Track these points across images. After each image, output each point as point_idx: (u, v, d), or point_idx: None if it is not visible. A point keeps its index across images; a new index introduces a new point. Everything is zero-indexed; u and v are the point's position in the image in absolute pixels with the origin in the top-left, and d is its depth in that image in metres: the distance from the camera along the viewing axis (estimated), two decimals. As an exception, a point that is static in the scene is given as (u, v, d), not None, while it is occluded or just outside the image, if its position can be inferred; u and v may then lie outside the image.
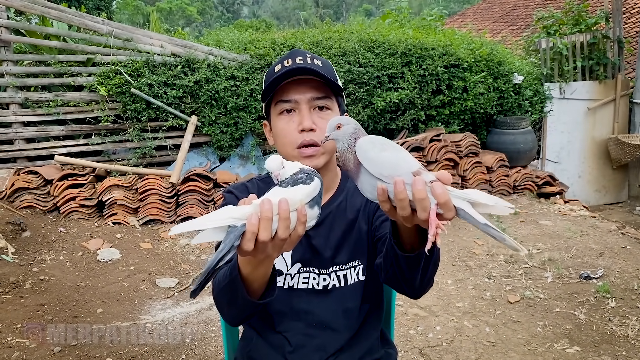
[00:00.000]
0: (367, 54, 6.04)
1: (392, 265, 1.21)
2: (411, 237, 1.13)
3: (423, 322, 3.50)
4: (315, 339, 1.43)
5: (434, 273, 1.24)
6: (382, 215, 1.43)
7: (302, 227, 1.01)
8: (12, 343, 3.13)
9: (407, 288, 1.26)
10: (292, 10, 51.43)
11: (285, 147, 1.40)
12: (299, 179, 1.04)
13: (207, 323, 3.50)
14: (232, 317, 1.32)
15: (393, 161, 0.98)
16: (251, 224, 0.95)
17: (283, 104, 1.39)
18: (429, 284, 1.26)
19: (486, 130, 7.00)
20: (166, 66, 5.48)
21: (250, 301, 1.16)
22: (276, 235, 0.98)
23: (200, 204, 5.24)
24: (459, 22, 15.08)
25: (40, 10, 5.31)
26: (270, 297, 1.19)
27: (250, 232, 0.96)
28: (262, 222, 0.96)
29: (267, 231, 0.96)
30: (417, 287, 1.24)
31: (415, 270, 1.17)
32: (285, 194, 1.00)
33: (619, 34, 8.13)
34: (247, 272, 1.14)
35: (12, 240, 4.40)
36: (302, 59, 1.37)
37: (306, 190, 1.02)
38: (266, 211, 0.96)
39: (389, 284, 1.31)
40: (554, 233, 5.18)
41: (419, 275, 1.19)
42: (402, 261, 1.16)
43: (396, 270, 1.21)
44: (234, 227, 0.97)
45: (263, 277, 1.16)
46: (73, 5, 12.39)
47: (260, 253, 1.00)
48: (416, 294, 1.29)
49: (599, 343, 3.26)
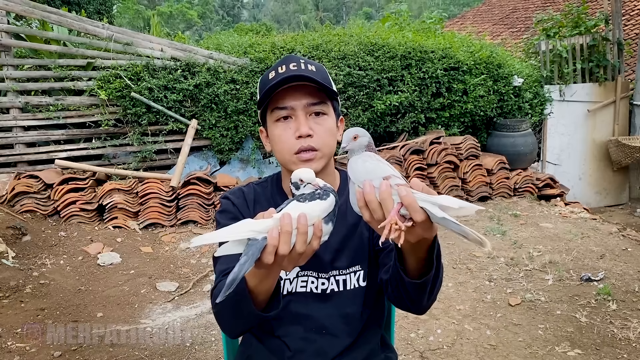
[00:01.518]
0: (367, 57, 6.05)
1: (397, 287, 1.24)
2: (416, 264, 1.15)
3: (424, 326, 3.50)
4: (314, 344, 1.43)
5: (438, 290, 1.27)
6: None
7: (317, 241, 1.05)
8: (12, 347, 3.13)
9: (412, 307, 1.29)
10: (292, 14, 51.52)
11: (283, 153, 1.39)
12: (316, 195, 1.07)
13: (207, 327, 3.50)
14: (234, 329, 1.33)
15: (370, 169, 1.04)
16: (272, 237, 0.99)
17: (279, 111, 1.38)
18: (433, 302, 1.29)
19: (486, 132, 7.01)
20: (166, 70, 5.49)
21: (256, 314, 1.17)
22: (294, 248, 1.01)
23: (201, 208, 5.24)
24: (458, 24, 15.10)
25: (41, 14, 5.32)
26: (275, 309, 1.20)
27: (272, 246, 0.99)
28: (282, 236, 0.99)
29: (287, 245, 1.00)
30: (423, 306, 1.28)
31: (422, 293, 1.20)
32: (303, 209, 1.03)
33: (619, 36, 8.13)
34: (253, 285, 1.14)
35: (13, 245, 4.40)
36: (295, 65, 1.37)
37: (323, 206, 1.05)
38: (286, 225, 0.99)
39: (395, 303, 1.34)
40: (555, 235, 5.18)
41: (426, 297, 1.22)
42: (409, 286, 1.19)
43: (402, 292, 1.23)
44: (254, 240, 1.00)
45: (268, 290, 1.17)
46: (73, 9, 12.41)
47: (277, 266, 1.04)
48: (421, 312, 1.32)
49: (601, 346, 3.25)
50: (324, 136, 1.38)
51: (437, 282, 1.21)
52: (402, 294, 1.24)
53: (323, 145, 1.38)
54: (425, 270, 1.18)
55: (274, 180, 1.54)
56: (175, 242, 4.86)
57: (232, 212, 1.47)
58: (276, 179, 1.54)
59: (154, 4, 42.37)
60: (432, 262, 1.15)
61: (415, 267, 1.16)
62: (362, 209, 1.02)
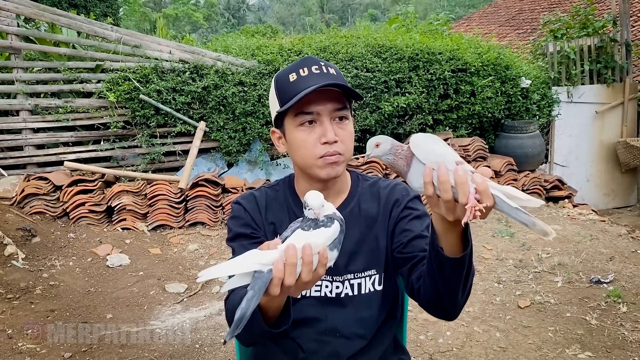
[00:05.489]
0: (375, 59, 6.05)
1: (434, 278, 1.22)
2: (452, 246, 1.15)
3: (433, 328, 3.49)
4: (328, 346, 1.43)
5: (471, 284, 1.27)
6: (408, 232, 1.42)
7: (323, 269, 1.06)
8: (23, 349, 3.14)
9: (449, 305, 1.27)
10: (297, 16, 51.62)
11: (307, 158, 1.38)
12: (320, 223, 1.08)
13: (216, 329, 3.50)
14: (246, 341, 1.36)
15: (440, 152, 1.08)
16: (278, 270, 1.01)
17: (304, 116, 1.36)
18: (467, 298, 1.28)
19: (494, 134, 6.99)
20: (174, 72, 5.51)
21: (267, 330, 1.18)
22: (300, 278, 1.03)
23: (209, 210, 5.25)
24: (464, 26, 15.08)
25: (50, 17, 5.36)
26: (285, 325, 1.20)
27: (278, 278, 1.01)
28: (287, 267, 1.01)
29: (293, 276, 1.01)
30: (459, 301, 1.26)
31: (459, 274, 1.19)
32: (308, 239, 1.04)
33: (627, 37, 8.09)
34: (263, 302, 1.15)
35: (22, 246, 4.42)
36: (318, 68, 1.36)
37: (328, 234, 1.07)
38: (291, 257, 1.01)
39: (432, 306, 1.32)
40: (564, 237, 5.15)
41: (461, 285, 1.21)
42: (447, 265, 1.17)
43: (439, 282, 1.21)
44: (260, 272, 1.01)
45: (278, 307, 1.18)
46: (81, 12, 12.49)
47: (283, 295, 1.06)
48: (456, 310, 1.30)
49: (611, 348, 3.23)
50: (347, 141, 1.38)
51: (471, 270, 1.22)
52: (440, 284, 1.21)
53: (346, 150, 1.38)
54: (462, 248, 1.18)
55: (287, 183, 1.53)
56: (184, 244, 4.87)
57: (243, 218, 1.46)
58: (289, 181, 1.53)
59: (159, 6, 42.57)
60: (468, 240, 1.15)
61: (451, 249, 1.16)
62: (426, 185, 1.05)
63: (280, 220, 1.47)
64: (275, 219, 1.47)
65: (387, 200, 1.48)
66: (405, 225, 1.43)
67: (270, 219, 1.48)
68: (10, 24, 5.22)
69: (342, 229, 1.11)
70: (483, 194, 0.99)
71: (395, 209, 1.47)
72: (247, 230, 1.44)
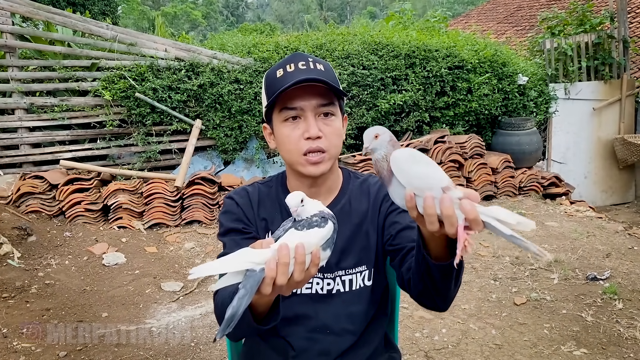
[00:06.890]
0: (371, 56, 6.04)
1: (423, 278, 1.22)
2: (439, 248, 1.14)
3: (428, 325, 3.49)
4: (318, 343, 1.42)
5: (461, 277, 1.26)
6: (397, 224, 1.42)
7: (315, 268, 1.06)
8: (18, 348, 3.14)
9: (438, 299, 1.27)
10: (296, 13, 51.55)
11: (291, 154, 1.38)
12: (314, 222, 1.08)
13: (212, 327, 3.50)
14: (235, 336, 1.38)
15: (423, 175, 1.02)
16: (270, 269, 1.00)
17: (288, 111, 1.36)
18: (458, 289, 1.28)
19: (491, 131, 6.98)
20: (170, 70, 5.50)
21: (256, 327, 1.18)
22: (291, 277, 1.03)
23: (205, 208, 5.24)
24: (463, 23, 15.06)
25: (45, 16, 5.34)
26: (274, 322, 1.19)
27: (270, 277, 1.00)
28: (279, 267, 1.00)
29: (285, 275, 1.01)
30: (450, 297, 1.26)
31: (448, 278, 1.18)
32: (301, 239, 1.04)
33: (624, 34, 8.08)
34: (253, 300, 1.14)
35: (18, 245, 4.42)
36: (304, 64, 1.35)
37: (321, 234, 1.07)
38: (284, 256, 1.00)
39: (420, 299, 1.32)
40: (560, 234, 5.15)
41: (452, 282, 1.20)
42: (435, 271, 1.16)
43: (428, 282, 1.21)
44: (252, 271, 1.01)
45: (268, 303, 1.17)
46: (78, 10, 12.46)
47: (275, 293, 1.05)
48: (447, 305, 1.30)
49: (607, 345, 3.23)
50: (332, 137, 1.37)
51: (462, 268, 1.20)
52: (428, 285, 1.21)
53: (331, 147, 1.37)
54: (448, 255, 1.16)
55: (279, 180, 1.52)
56: (180, 242, 4.86)
57: (235, 213, 1.46)
58: (281, 178, 1.53)
59: (158, 4, 42.48)
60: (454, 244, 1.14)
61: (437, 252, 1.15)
62: (410, 210, 1.03)
63: (272, 216, 1.47)
64: (267, 215, 1.47)
65: (377, 196, 1.49)
66: (394, 217, 1.44)
67: (262, 214, 1.47)
68: (6, 23, 5.20)
69: (335, 228, 1.10)
70: (473, 222, 0.96)
71: (384, 203, 1.47)
72: (239, 225, 1.44)
